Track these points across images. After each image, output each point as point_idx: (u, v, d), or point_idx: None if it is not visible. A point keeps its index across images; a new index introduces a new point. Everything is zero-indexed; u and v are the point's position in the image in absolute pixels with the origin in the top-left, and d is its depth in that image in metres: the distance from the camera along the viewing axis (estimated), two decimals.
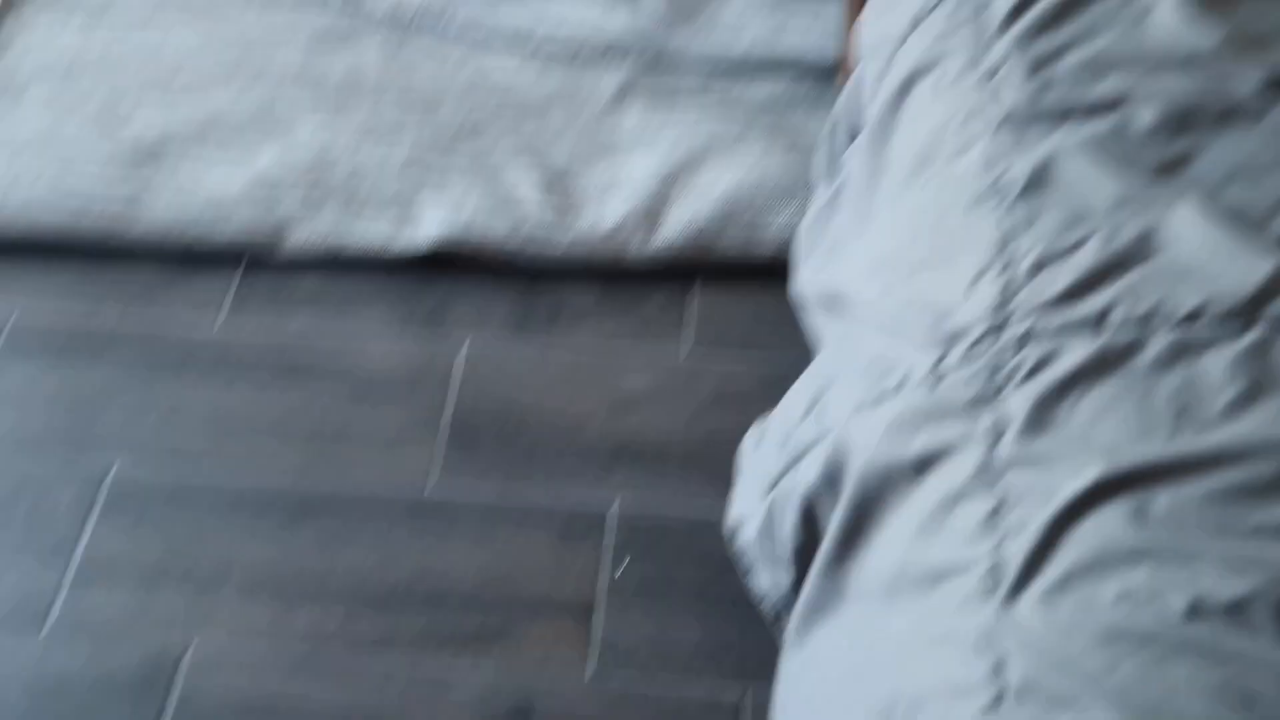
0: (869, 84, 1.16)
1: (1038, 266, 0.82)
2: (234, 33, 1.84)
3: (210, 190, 1.62)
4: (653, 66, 1.75)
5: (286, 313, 1.52)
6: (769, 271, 1.52)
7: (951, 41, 1.03)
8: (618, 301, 1.51)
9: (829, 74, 1.67)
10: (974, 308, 0.82)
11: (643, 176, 1.60)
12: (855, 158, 1.11)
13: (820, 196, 1.22)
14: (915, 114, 1.03)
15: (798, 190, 1.54)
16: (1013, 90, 0.95)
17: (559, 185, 1.61)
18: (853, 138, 1.24)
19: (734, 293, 1.52)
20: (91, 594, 1.29)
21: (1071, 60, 0.94)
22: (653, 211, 1.57)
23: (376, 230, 1.58)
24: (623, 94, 1.72)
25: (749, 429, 1.05)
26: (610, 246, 1.55)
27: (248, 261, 1.56)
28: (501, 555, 1.30)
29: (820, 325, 1.06)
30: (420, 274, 1.55)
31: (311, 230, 1.58)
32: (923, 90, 1.03)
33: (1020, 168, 0.88)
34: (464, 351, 1.47)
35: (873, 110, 1.11)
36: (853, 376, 0.89)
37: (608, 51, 1.78)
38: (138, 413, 1.43)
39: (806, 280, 1.11)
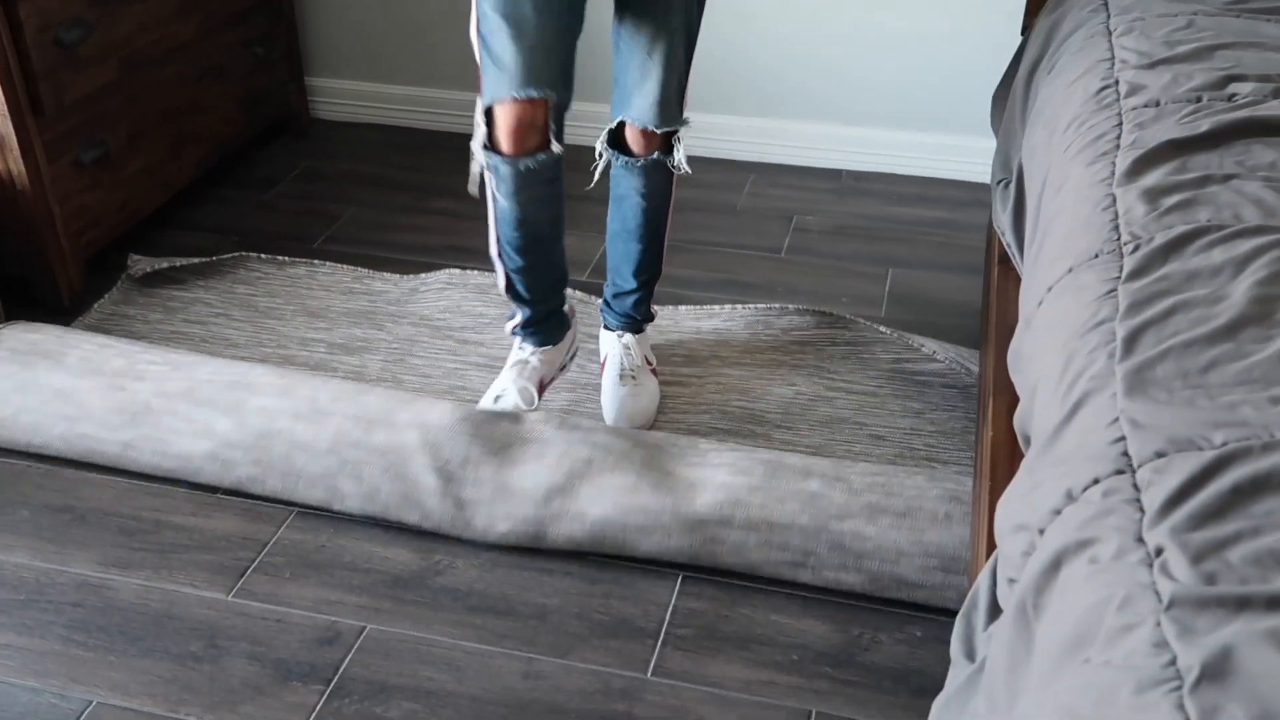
0: (1011, 562, 1.12)
1: None
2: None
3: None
4: None
5: None
6: None
7: (1103, 524, 1.01)
8: None
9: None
10: None
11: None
12: (998, 637, 1.05)
13: (956, 676, 1.14)
14: (1066, 593, 0.98)
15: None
16: (1177, 577, 0.90)
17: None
18: (992, 618, 1.19)
19: None
20: None
21: (1240, 553, 0.90)
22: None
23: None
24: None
25: None
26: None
27: (337, 683, 1.51)
28: None
29: None
30: None
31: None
32: (1075, 569, 0.99)
33: (1195, 655, 0.81)
34: None
35: (1018, 589, 1.06)
36: None
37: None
38: None
39: None
